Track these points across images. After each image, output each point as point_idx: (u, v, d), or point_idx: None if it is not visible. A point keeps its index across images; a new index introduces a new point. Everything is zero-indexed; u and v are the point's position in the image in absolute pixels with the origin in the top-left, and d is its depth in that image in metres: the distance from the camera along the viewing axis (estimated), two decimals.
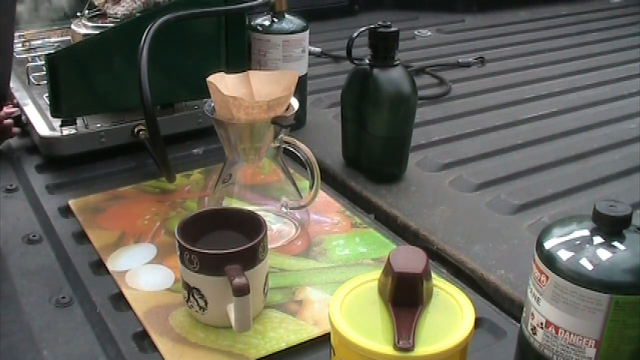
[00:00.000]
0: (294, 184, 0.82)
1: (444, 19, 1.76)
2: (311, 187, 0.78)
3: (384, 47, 0.91)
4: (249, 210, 0.70)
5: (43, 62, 0.97)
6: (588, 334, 0.52)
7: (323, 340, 0.62)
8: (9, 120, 0.99)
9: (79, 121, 0.96)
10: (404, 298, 0.52)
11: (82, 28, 1.01)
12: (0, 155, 0.99)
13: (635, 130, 1.13)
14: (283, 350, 0.63)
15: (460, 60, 1.43)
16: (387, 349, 0.49)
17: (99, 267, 0.75)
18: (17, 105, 1.04)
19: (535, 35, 1.64)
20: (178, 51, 0.95)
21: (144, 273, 0.74)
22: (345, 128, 0.98)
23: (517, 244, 0.81)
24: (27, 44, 1.25)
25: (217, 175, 0.81)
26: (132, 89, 0.81)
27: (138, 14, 0.97)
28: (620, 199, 0.56)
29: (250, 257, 0.63)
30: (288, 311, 0.68)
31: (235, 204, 0.79)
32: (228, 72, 0.78)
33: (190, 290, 0.64)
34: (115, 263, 0.75)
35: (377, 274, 0.55)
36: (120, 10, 0.99)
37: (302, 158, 0.78)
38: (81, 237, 0.80)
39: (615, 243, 0.53)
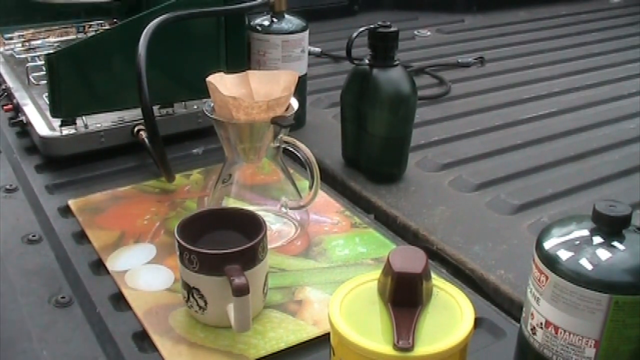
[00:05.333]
0: (294, 184, 0.82)
1: (444, 19, 1.76)
2: (311, 187, 0.78)
3: (383, 47, 0.91)
4: (248, 210, 0.70)
5: (43, 62, 0.97)
6: (588, 334, 0.52)
7: (323, 340, 0.62)
8: None
9: (78, 121, 0.96)
10: (404, 298, 0.52)
11: None
12: (0, 156, 0.99)
13: (635, 130, 1.13)
14: (283, 350, 0.63)
15: (460, 60, 1.43)
16: (387, 349, 0.49)
17: (99, 267, 0.75)
18: (17, 105, 1.04)
19: (535, 35, 1.65)
20: (177, 51, 0.95)
21: (144, 273, 0.74)
22: (345, 128, 0.98)
23: (517, 244, 0.81)
24: (27, 44, 1.26)
25: (217, 175, 0.81)
26: (131, 88, 0.81)
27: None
28: (620, 199, 0.56)
29: (250, 257, 0.63)
30: (288, 311, 0.68)
31: (235, 204, 0.79)
32: (227, 72, 0.78)
33: (190, 290, 0.64)
34: (115, 263, 0.75)
35: (376, 274, 0.55)
36: None
37: (301, 158, 0.78)
38: (81, 237, 0.80)
39: (615, 243, 0.53)
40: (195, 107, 1.02)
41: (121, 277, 0.73)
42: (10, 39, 1.26)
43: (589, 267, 0.52)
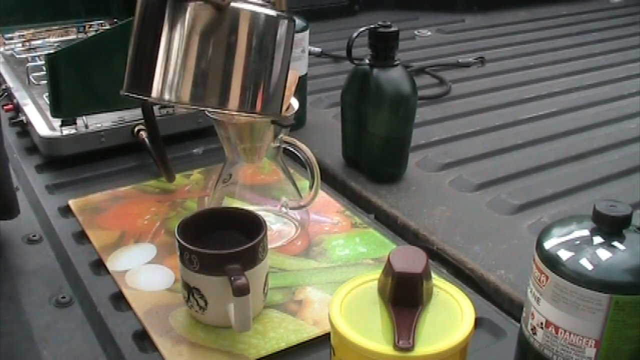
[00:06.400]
0: (294, 184, 0.82)
1: (444, 19, 1.76)
2: (311, 187, 0.78)
3: (384, 47, 0.91)
4: (249, 210, 0.70)
5: (43, 62, 0.97)
6: (588, 334, 0.52)
7: (323, 340, 0.62)
8: None
9: (79, 121, 0.96)
10: (404, 298, 0.52)
11: None
12: None
13: (635, 130, 1.13)
14: (283, 350, 0.63)
15: (460, 60, 1.43)
16: (387, 349, 0.49)
17: (99, 267, 0.75)
18: (17, 105, 1.04)
19: (535, 35, 1.65)
20: None
21: (144, 273, 0.74)
22: (345, 128, 0.98)
23: (517, 244, 0.81)
24: (27, 44, 1.26)
25: (217, 175, 0.81)
26: None
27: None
28: (620, 199, 0.56)
29: (250, 257, 0.63)
30: (288, 311, 0.68)
31: (235, 204, 0.79)
32: None
33: (190, 290, 0.64)
34: (115, 263, 0.75)
35: (377, 274, 0.55)
36: None
37: (302, 158, 0.78)
38: (81, 237, 0.80)
39: (615, 243, 0.53)
40: None
41: (121, 277, 0.73)
42: (11, 39, 1.26)
43: (589, 267, 0.52)
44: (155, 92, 0.60)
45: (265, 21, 0.61)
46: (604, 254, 0.52)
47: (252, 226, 0.66)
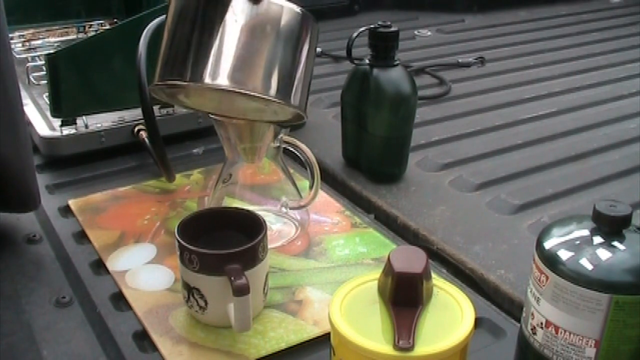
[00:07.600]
0: (294, 184, 0.82)
1: (444, 19, 1.76)
2: (311, 187, 0.78)
3: (384, 47, 0.91)
4: (249, 210, 0.70)
5: (43, 62, 0.97)
6: (588, 334, 0.52)
7: (323, 340, 0.62)
8: None
9: (79, 121, 0.96)
10: (404, 298, 0.52)
11: None
12: None
13: (635, 130, 1.13)
14: (283, 350, 0.63)
15: (460, 60, 1.43)
16: (387, 349, 0.49)
17: (99, 267, 0.75)
18: None
19: (535, 35, 1.65)
20: None
21: (144, 273, 0.74)
22: (345, 128, 0.98)
23: (517, 244, 0.81)
24: (27, 44, 1.26)
25: (217, 175, 0.81)
26: (131, 88, 0.81)
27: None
28: (620, 199, 0.56)
29: (250, 257, 0.63)
30: (288, 311, 0.68)
31: (235, 204, 0.79)
32: None
33: (190, 290, 0.64)
34: (115, 263, 0.75)
35: (377, 274, 0.55)
36: None
37: (302, 158, 0.78)
38: (81, 237, 0.80)
39: (615, 243, 0.53)
40: None
41: (121, 277, 0.73)
42: (11, 39, 1.26)
43: (589, 267, 0.52)
44: (189, 77, 0.60)
45: (298, 16, 0.63)
46: (604, 254, 0.52)
47: (252, 226, 0.66)
